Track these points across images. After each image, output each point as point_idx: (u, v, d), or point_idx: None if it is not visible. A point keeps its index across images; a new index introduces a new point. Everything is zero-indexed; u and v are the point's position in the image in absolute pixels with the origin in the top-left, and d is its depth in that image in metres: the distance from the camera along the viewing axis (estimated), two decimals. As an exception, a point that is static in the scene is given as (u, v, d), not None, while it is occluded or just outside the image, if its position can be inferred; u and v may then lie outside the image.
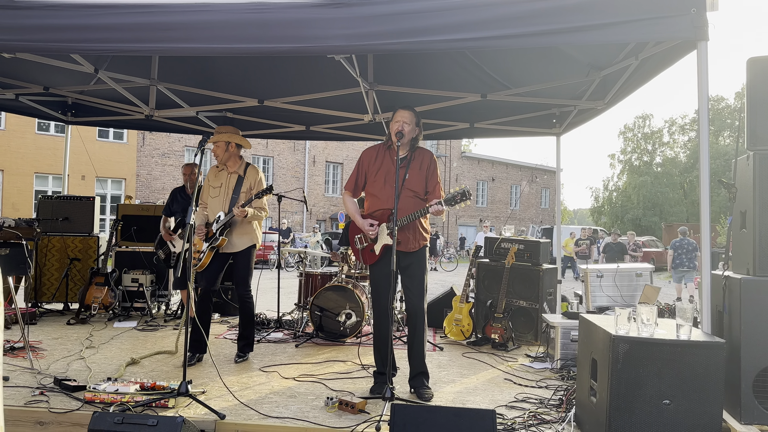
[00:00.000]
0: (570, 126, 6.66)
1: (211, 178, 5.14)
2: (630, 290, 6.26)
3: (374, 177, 4.29)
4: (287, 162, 30.87)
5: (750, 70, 3.41)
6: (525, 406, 3.92)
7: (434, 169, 4.28)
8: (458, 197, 3.95)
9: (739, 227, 3.57)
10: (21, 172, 21.86)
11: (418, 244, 4.21)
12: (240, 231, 4.98)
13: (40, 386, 3.97)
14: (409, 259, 4.19)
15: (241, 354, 5.06)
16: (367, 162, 4.35)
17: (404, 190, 4.16)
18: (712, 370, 3.02)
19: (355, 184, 4.39)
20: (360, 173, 4.37)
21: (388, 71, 5.74)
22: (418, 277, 4.21)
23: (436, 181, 4.25)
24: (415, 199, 4.16)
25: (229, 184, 5.02)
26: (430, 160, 4.28)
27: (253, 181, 5.03)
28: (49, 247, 7.33)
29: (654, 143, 45.83)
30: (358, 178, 4.37)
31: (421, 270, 4.22)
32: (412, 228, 4.17)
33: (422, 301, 4.20)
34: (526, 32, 3.41)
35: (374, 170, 4.29)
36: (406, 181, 4.18)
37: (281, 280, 6.94)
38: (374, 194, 4.28)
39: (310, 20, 3.50)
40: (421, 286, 4.21)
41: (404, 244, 4.14)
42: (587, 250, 17.12)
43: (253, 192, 4.97)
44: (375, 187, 4.28)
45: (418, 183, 4.21)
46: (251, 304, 5.10)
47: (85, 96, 6.84)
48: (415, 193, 4.18)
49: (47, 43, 3.69)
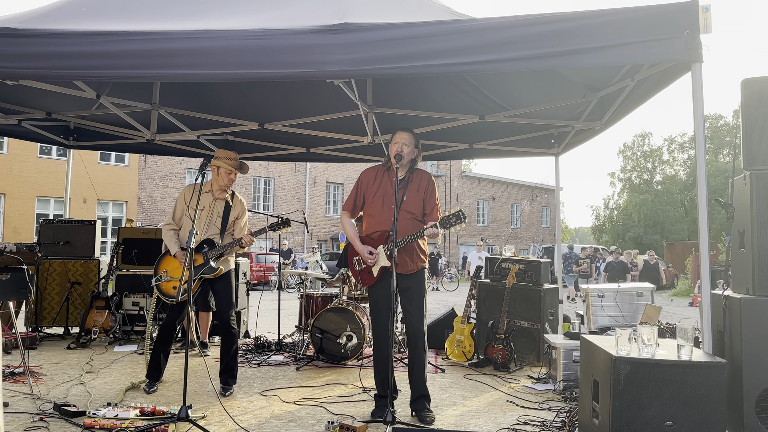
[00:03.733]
0: (568, 146, 6.70)
1: (189, 198, 4.84)
2: (631, 310, 6.24)
3: (372, 198, 4.31)
4: (288, 183, 30.97)
5: (744, 91, 3.44)
6: (528, 429, 3.90)
7: (432, 191, 4.29)
8: (453, 219, 3.96)
9: (738, 247, 3.58)
10: (23, 196, 21.93)
11: (416, 266, 4.22)
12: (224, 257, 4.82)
13: (40, 412, 3.95)
14: (408, 282, 4.19)
15: (227, 387, 4.76)
16: (366, 183, 4.38)
17: (402, 211, 4.18)
18: (714, 390, 3.00)
19: (354, 204, 4.41)
20: (359, 194, 4.39)
21: (387, 94, 5.80)
22: (417, 299, 4.21)
23: (434, 203, 4.27)
24: (413, 221, 4.18)
25: (214, 209, 4.85)
26: (428, 182, 4.30)
27: (240, 210, 4.94)
28: (50, 271, 7.33)
29: (654, 161, 45.99)
30: (357, 199, 4.40)
31: (420, 292, 4.22)
32: (409, 250, 4.18)
33: (422, 323, 4.19)
34: (523, 56, 3.45)
35: (372, 191, 4.32)
36: (404, 202, 4.20)
37: (282, 301, 6.93)
38: (372, 215, 4.30)
39: (311, 46, 3.55)
40: (420, 307, 4.20)
41: (402, 266, 4.14)
42: (588, 269, 17.11)
43: (240, 221, 4.88)
44: (373, 208, 4.30)
45: (416, 205, 4.23)
46: (236, 334, 4.83)
47: (87, 121, 6.90)
48: (412, 215, 4.20)
49: (50, 70, 3.74)
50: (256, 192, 29.82)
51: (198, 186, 4.47)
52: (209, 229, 4.80)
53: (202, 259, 4.68)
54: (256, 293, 7.60)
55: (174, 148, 7.76)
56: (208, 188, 4.87)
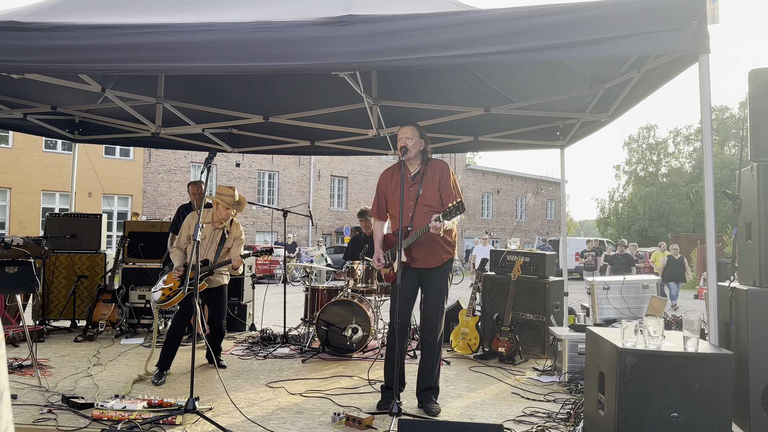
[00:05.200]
0: (574, 138, 6.68)
1: (192, 225, 5.18)
2: (637, 302, 6.23)
3: (392, 198, 4.34)
4: (292, 177, 30.98)
5: (752, 82, 3.42)
6: (533, 421, 3.90)
7: (447, 179, 4.24)
8: (453, 210, 3.92)
9: (745, 238, 3.57)
10: (28, 190, 22.01)
11: (440, 260, 4.20)
12: (217, 273, 5.25)
13: (48, 404, 3.98)
14: (428, 275, 4.21)
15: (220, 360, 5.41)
16: (384, 184, 4.40)
17: (420, 206, 4.16)
18: (721, 382, 3.00)
19: (378, 208, 4.45)
20: (380, 197, 4.43)
21: (391, 87, 5.78)
22: (435, 292, 4.20)
23: (449, 192, 4.20)
24: (431, 214, 4.08)
25: (214, 237, 5.25)
26: (442, 171, 4.27)
27: (237, 235, 5.30)
28: (56, 265, 7.37)
29: (659, 154, 45.76)
30: (380, 202, 4.43)
31: (438, 285, 4.21)
32: (428, 244, 4.14)
33: (437, 317, 4.18)
34: (528, 47, 3.44)
35: (391, 191, 4.35)
36: (421, 197, 4.18)
37: (287, 294, 6.95)
38: (393, 214, 4.34)
39: (315, 38, 3.54)
40: (437, 300, 4.19)
41: (422, 260, 4.15)
42: (593, 262, 16.99)
43: (235, 249, 5.24)
44: (393, 207, 4.32)
45: (433, 197, 4.20)
46: (224, 332, 5.42)
47: (92, 114, 6.92)
48: (431, 208, 4.16)
49: (55, 64, 3.74)
50: (261, 186, 29.86)
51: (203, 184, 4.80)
52: (207, 253, 5.19)
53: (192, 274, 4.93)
54: (262, 286, 7.58)
55: (179, 141, 7.77)
56: (210, 219, 5.26)
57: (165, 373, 4.87)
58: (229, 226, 5.28)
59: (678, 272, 14.94)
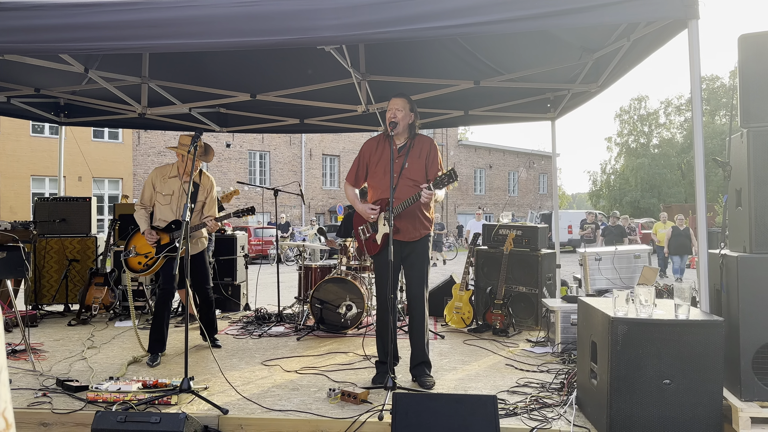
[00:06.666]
0: (564, 110, 6.64)
1: (158, 183, 5.02)
2: (629, 272, 6.26)
3: (375, 168, 4.28)
4: (284, 156, 30.81)
5: (741, 47, 3.39)
6: (527, 391, 3.94)
7: (434, 156, 4.24)
8: (445, 179, 3.92)
9: (735, 205, 3.57)
10: (17, 176, 21.80)
11: (419, 234, 4.19)
12: (194, 238, 5.05)
13: (43, 388, 3.97)
14: (410, 249, 4.19)
15: (215, 340, 5.40)
16: (368, 153, 4.34)
17: (403, 179, 4.13)
18: (712, 348, 3.03)
19: (356, 175, 4.39)
20: (361, 165, 4.37)
21: (380, 61, 5.71)
22: (418, 266, 4.21)
23: (437, 168, 4.21)
24: (415, 188, 4.11)
25: (184, 191, 4.95)
26: (429, 147, 4.25)
27: (209, 186, 5.09)
28: (47, 249, 7.32)
29: (650, 125, 45.78)
30: (359, 170, 4.37)
31: (421, 259, 4.21)
32: (411, 217, 4.14)
33: (422, 291, 4.19)
34: (517, 16, 3.39)
35: (375, 161, 4.29)
36: (405, 170, 4.16)
37: (281, 274, 6.95)
38: (374, 185, 4.29)
39: (299, 11, 3.48)
40: (421, 275, 4.20)
41: (404, 233, 4.13)
42: (592, 235, 16.57)
43: (209, 200, 5.04)
44: (375, 178, 4.27)
45: (418, 171, 4.18)
46: (212, 302, 5.34)
47: (77, 96, 6.82)
48: (414, 182, 4.15)
49: (34, 44, 3.67)
50: (252, 166, 29.69)
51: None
52: (180, 210, 4.92)
53: (168, 238, 4.90)
54: (255, 267, 7.58)
55: (166, 122, 7.68)
56: (175, 172, 5.01)
57: (160, 355, 4.86)
58: (198, 178, 5.04)
59: (684, 244, 13.92)
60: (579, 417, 3.44)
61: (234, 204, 17.70)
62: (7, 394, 1.03)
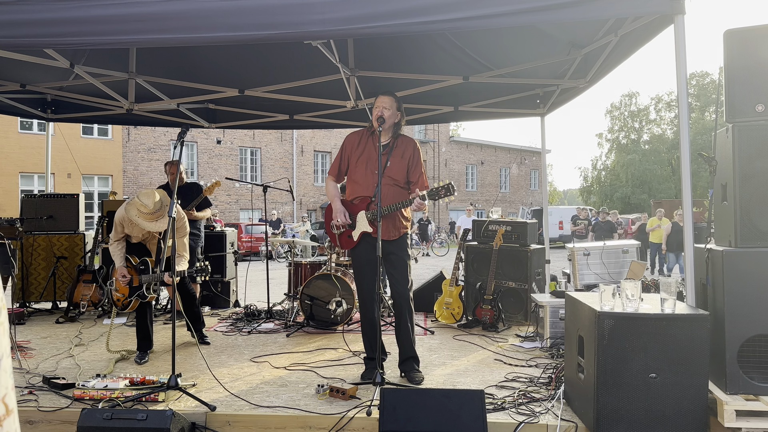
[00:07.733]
0: (554, 106, 6.66)
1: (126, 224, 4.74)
2: (617, 267, 6.29)
3: (356, 163, 4.26)
4: (275, 153, 30.72)
5: (727, 43, 3.40)
6: (515, 385, 3.95)
7: (417, 159, 4.24)
8: (442, 191, 3.92)
9: (720, 200, 3.59)
10: (5, 173, 21.61)
11: (398, 233, 4.20)
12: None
13: (29, 385, 3.94)
14: (391, 248, 4.17)
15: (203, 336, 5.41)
16: (350, 147, 4.32)
17: (385, 177, 4.12)
18: (697, 342, 3.05)
19: (339, 169, 4.37)
20: (343, 158, 4.35)
21: (368, 56, 5.70)
22: (401, 264, 4.21)
23: (420, 171, 4.22)
24: (395, 188, 4.13)
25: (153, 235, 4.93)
26: (413, 149, 4.25)
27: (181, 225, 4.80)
28: (35, 246, 7.26)
29: (641, 121, 45.98)
30: (341, 164, 4.35)
31: (402, 257, 4.22)
32: (391, 216, 4.14)
33: (406, 288, 4.20)
34: (505, 11, 3.39)
35: (356, 156, 4.27)
36: (387, 168, 4.15)
37: (271, 271, 6.93)
38: (355, 180, 4.26)
39: (286, 6, 3.46)
40: (404, 272, 4.21)
41: (384, 232, 4.10)
42: (584, 231, 16.54)
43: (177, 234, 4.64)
44: (356, 173, 4.25)
45: (399, 171, 4.18)
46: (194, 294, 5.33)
47: (65, 92, 6.76)
48: (395, 182, 4.15)
49: (19, 38, 3.63)
50: (243, 162, 29.60)
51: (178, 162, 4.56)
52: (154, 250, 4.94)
53: (137, 281, 4.75)
54: (243, 263, 7.55)
55: (154, 118, 7.63)
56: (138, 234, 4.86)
57: (148, 352, 4.84)
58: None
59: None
60: (566, 411, 3.45)
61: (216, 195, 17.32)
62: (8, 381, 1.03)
